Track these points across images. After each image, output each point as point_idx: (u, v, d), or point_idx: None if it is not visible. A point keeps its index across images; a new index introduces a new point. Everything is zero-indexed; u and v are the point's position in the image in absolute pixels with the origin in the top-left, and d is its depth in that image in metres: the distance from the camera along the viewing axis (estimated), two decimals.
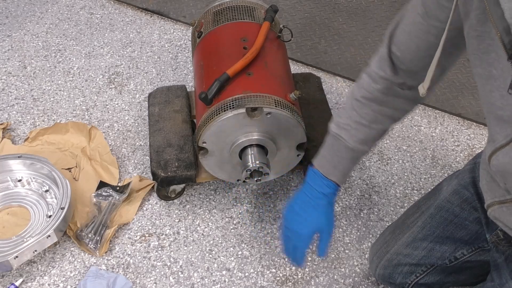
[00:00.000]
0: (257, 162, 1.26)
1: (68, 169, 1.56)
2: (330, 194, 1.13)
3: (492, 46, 0.76)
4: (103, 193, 1.47)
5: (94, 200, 1.46)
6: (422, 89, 0.91)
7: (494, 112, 0.81)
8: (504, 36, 0.72)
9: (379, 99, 1.06)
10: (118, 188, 1.49)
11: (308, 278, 1.37)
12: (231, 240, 1.44)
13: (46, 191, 1.46)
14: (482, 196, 1.08)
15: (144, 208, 1.51)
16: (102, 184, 1.50)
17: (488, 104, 0.82)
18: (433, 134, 1.76)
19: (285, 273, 1.38)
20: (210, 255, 1.41)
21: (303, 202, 1.15)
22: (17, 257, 1.27)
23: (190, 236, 1.45)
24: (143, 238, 1.44)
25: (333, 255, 1.42)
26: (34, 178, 1.49)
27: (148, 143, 1.50)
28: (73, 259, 1.38)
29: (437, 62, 0.85)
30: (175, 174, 1.40)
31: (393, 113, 1.10)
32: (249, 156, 1.27)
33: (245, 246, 1.43)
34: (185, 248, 1.42)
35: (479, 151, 1.20)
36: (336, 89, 1.91)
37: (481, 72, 0.81)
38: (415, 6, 0.92)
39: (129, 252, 1.40)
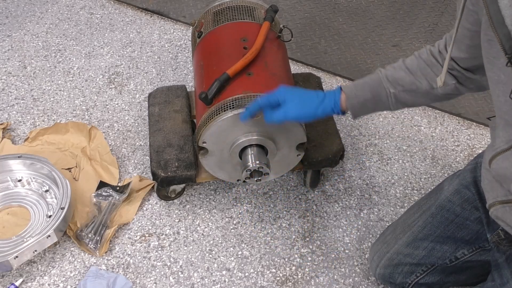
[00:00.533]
0: (257, 162, 1.26)
1: (68, 169, 1.56)
2: (328, 101, 1.12)
3: (501, 51, 0.77)
4: (103, 193, 1.47)
5: (94, 200, 1.46)
6: (439, 81, 0.94)
7: (502, 117, 0.82)
8: (504, 42, 0.73)
9: (424, 63, 1.08)
10: (118, 188, 1.49)
11: (308, 278, 1.37)
12: (231, 240, 1.44)
13: (46, 191, 1.46)
14: (483, 196, 1.08)
15: (144, 208, 1.51)
16: (102, 184, 1.50)
17: (497, 108, 0.83)
18: (433, 134, 1.76)
19: (285, 273, 1.38)
20: (210, 255, 1.41)
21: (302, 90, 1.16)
22: (17, 257, 1.27)
23: (190, 236, 1.45)
24: (143, 238, 1.44)
25: (333, 255, 1.42)
26: (34, 178, 1.49)
27: (148, 143, 1.50)
28: (73, 259, 1.38)
29: (450, 52, 0.88)
30: (175, 174, 1.40)
31: (431, 80, 1.08)
32: (249, 156, 1.27)
33: (245, 246, 1.43)
34: (185, 248, 1.42)
35: (480, 151, 1.20)
36: None
37: (492, 76, 0.82)
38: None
39: (129, 252, 1.40)
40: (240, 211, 1.52)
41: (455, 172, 1.26)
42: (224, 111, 1.22)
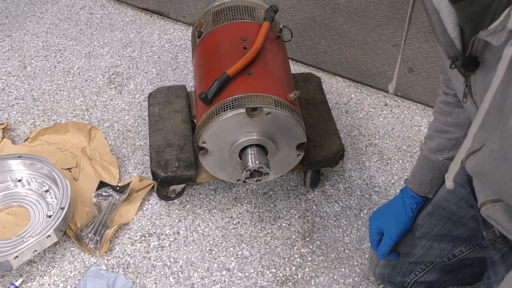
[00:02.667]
0: (257, 162, 1.26)
1: (68, 169, 1.57)
2: (406, 199, 1.22)
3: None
4: (103, 193, 1.47)
5: (94, 200, 1.46)
6: (391, 88, 1.00)
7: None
8: (448, 49, 0.76)
9: (443, 110, 1.14)
10: (118, 188, 1.49)
11: (308, 278, 1.37)
12: (231, 240, 1.44)
13: (46, 191, 1.46)
14: None
15: (144, 208, 1.51)
16: (102, 184, 1.50)
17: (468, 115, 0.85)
18: None
19: (285, 273, 1.38)
20: (210, 255, 1.41)
21: (386, 205, 1.26)
22: (17, 257, 1.27)
23: (190, 236, 1.45)
24: (143, 238, 1.44)
25: (333, 255, 1.42)
26: (34, 178, 1.49)
27: (148, 143, 1.50)
28: (73, 259, 1.38)
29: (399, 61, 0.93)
30: (175, 174, 1.40)
31: (456, 122, 1.14)
32: (249, 156, 1.27)
33: (245, 246, 1.43)
34: (185, 248, 1.42)
35: None
36: (336, 89, 1.91)
37: (456, 87, 0.85)
38: None
39: (129, 252, 1.40)
40: (240, 211, 1.52)
41: None
42: (224, 111, 1.22)
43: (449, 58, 0.77)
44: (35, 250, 1.30)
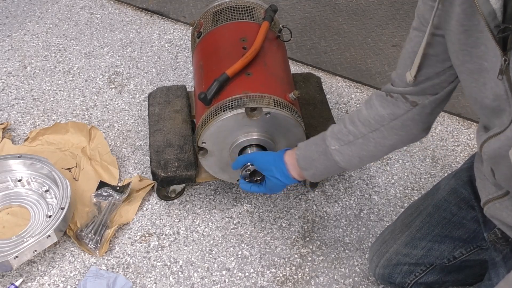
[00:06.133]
0: None
1: (68, 169, 1.57)
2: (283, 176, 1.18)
3: (481, 39, 0.77)
4: (103, 193, 1.47)
5: (94, 200, 1.46)
6: (409, 76, 0.93)
7: (489, 105, 0.82)
8: (490, 21, 0.73)
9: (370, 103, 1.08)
10: (118, 188, 1.49)
11: (308, 278, 1.37)
12: (231, 240, 1.45)
13: (46, 191, 1.46)
14: (479, 195, 1.09)
15: (144, 208, 1.51)
16: (102, 184, 1.50)
17: (482, 98, 0.82)
18: (433, 134, 1.76)
19: (285, 273, 1.38)
20: (210, 255, 1.41)
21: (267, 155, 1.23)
22: (17, 257, 1.27)
23: (190, 236, 1.45)
24: (143, 238, 1.44)
25: (333, 255, 1.42)
26: (34, 178, 1.49)
27: (148, 143, 1.50)
28: (73, 259, 1.38)
29: (423, 51, 0.88)
30: (175, 174, 1.40)
31: (373, 116, 1.07)
32: None
33: (245, 246, 1.43)
34: (185, 248, 1.42)
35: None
36: (336, 89, 1.91)
37: (471, 68, 0.81)
38: (412, 29, 0.95)
39: (129, 252, 1.40)
40: (240, 211, 1.52)
41: (451, 172, 1.26)
42: (224, 111, 1.22)
43: (492, 29, 0.74)
44: (35, 250, 1.30)
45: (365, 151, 1.08)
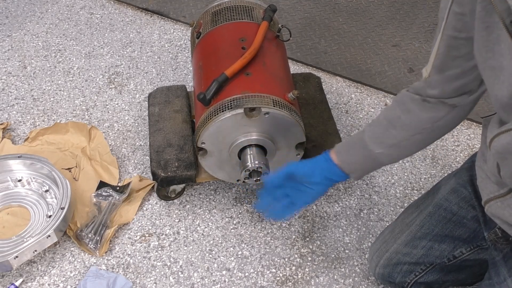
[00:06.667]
0: (256, 162, 1.26)
1: (68, 169, 1.57)
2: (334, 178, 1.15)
3: (501, 36, 0.77)
4: (103, 193, 1.47)
5: (94, 200, 1.46)
6: (425, 72, 0.94)
7: (507, 103, 0.81)
8: (505, 17, 0.73)
9: (404, 107, 1.07)
10: (118, 188, 1.50)
11: (308, 278, 1.37)
12: (231, 240, 1.45)
13: (46, 191, 1.46)
14: (479, 194, 1.08)
15: (144, 208, 1.51)
16: (102, 184, 1.50)
17: (501, 96, 0.82)
18: None
19: (285, 273, 1.38)
20: (210, 255, 1.41)
21: (310, 163, 1.16)
22: (17, 257, 1.27)
23: (190, 236, 1.45)
24: (143, 238, 1.44)
25: (333, 255, 1.42)
26: (34, 178, 1.49)
27: (148, 143, 1.50)
28: (73, 259, 1.38)
29: (437, 45, 0.88)
30: (175, 174, 1.40)
31: (415, 123, 1.08)
32: (248, 156, 1.27)
33: (245, 246, 1.44)
34: (185, 248, 1.42)
35: (478, 151, 1.20)
36: (336, 89, 1.91)
37: (493, 64, 0.81)
38: (437, 29, 0.95)
39: (129, 252, 1.41)
40: (240, 211, 1.52)
41: (452, 171, 1.26)
42: (223, 111, 1.22)
43: (507, 25, 0.74)
44: (35, 250, 1.30)
45: (410, 150, 1.13)
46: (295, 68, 1.98)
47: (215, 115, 1.23)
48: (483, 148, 1.04)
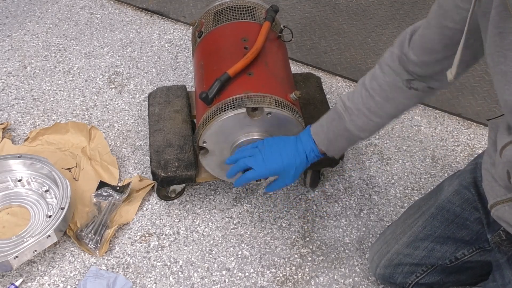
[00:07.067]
0: None
1: (68, 169, 1.56)
2: (310, 155, 1.19)
3: None
4: (103, 193, 1.47)
5: (94, 200, 1.46)
6: (450, 74, 0.94)
7: None
8: None
9: (384, 94, 1.09)
10: (118, 188, 1.49)
11: (308, 278, 1.37)
12: (231, 240, 1.44)
13: (46, 191, 1.46)
14: (483, 196, 1.08)
15: (144, 208, 1.51)
16: (102, 184, 1.50)
17: (511, 101, 0.82)
18: (433, 134, 1.76)
19: (285, 273, 1.38)
20: (210, 255, 1.41)
21: (283, 142, 1.20)
22: (17, 257, 1.27)
23: (190, 236, 1.45)
24: (143, 238, 1.44)
25: (333, 255, 1.42)
26: (34, 178, 1.49)
27: (148, 143, 1.50)
28: (73, 259, 1.38)
29: (461, 51, 0.87)
30: (175, 174, 1.40)
31: (394, 111, 1.13)
32: None
33: (245, 246, 1.43)
34: (185, 248, 1.42)
35: (480, 151, 1.20)
36: (336, 89, 1.91)
37: (505, 70, 0.82)
38: (432, 11, 0.96)
39: (129, 252, 1.40)
40: (240, 211, 1.52)
41: (455, 173, 1.26)
42: (225, 111, 1.22)
43: None
44: (35, 250, 1.30)
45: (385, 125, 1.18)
46: (295, 68, 1.98)
47: (217, 114, 1.23)
48: (490, 151, 1.04)
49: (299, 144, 1.19)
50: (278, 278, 1.37)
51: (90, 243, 1.37)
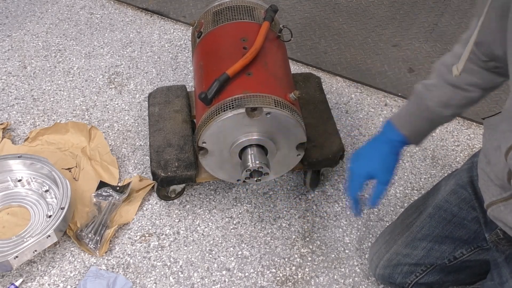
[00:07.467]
0: (257, 162, 1.26)
1: (68, 169, 1.57)
2: (396, 143, 1.13)
3: None
4: (103, 193, 1.47)
5: (94, 200, 1.46)
6: (456, 70, 0.92)
7: None
8: None
9: (467, 68, 1.03)
10: (118, 188, 1.49)
11: (308, 278, 1.37)
12: (231, 240, 1.45)
13: (46, 191, 1.46)
14: (480, 195, 1.08)
15: (144, 208, 1.51)
16: (102, 184, 1.50)
17: None
18: (433, 134, 1.76)
19: (285, 273, 1.38)
20: (210, 255, 1.41)
21: (369, 145, 1.16)
22: (17, 257, 1.27)
23: (190, 236, 1.45)
24: (143, 238, 1.44)
25: (333, 255, 1.42)
26: (34, 178, 1.49)
27: (148, 143, 1.50)
28: (73, 259, 1.38)
29: (473, 43, 0.86)
30: (175, 174, 1.40)
31: (480, 82, 1.06)
32: (249, 156, 1.27)
33: (245, 246, 1.43)
34: (185, 248, 1.42)
35: (478, 151, 1.20)
36: (336, 89, 1.91)
37: None
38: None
39: (129, 252, 1.40)
40: (240, 211, 1.52)
41: (451, 172, 1.26)
42: (224, 111, 1.22)
43: None
44: (35, 250, 1.30)
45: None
46: (295, 68, 1.98)
47: (216, 115, 1.23)
48: (486, 150, 1.04)
49: (383, 140, 1.15)
50: (278, 278, 1.37)
51: (90, 243, 1.37)
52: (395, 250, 1.23)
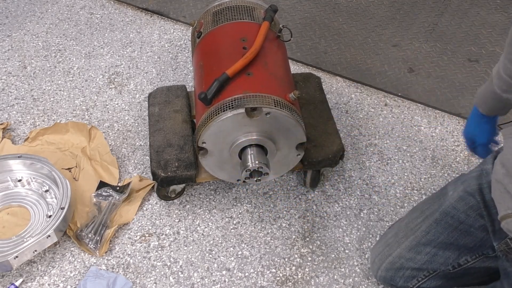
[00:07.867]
0: (257, 162, 1.26)
1: (68, 169, 1.57)
2: (481, 115, 1.24)
3: None
4: (103, 193, 1.47)
5: (94, 200, 1.46)
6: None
7: None
8: None
9: None
10: (118, 188, 1.49)
11: (308, 278, 1.37)
12: (231, 240, 1.44)
13: (46, 191, 1.46)
14: (488, 203, 1.07)
15: (144, 208, 1.51)
16: (102, 184, 1.50)
17: None
18: (433, 134, 1.76)
19: (285, 273, 1.38)
20: (210, 255, 1.41)
21: (470, 116, 1.30)
22: (17, 257, 1.27)
23: (190, 236, 1.45)
24: (143, 238, 1.44)
25: (333, 255, 1.42)
26: (34, 178, 1.49)
27: (148, 143, 1.50)
28: (73, 259, 1.38)
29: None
30: (175, 174, 1.40)
31: None
32: (249, 156, 1.27)
33: (245, 246, 1.43)
34: (185, 248, 1.42)
35: (487, 158, 1.19)
36: (336, 89, 1.91)
37: None
38: None
39: (129, 252, 1.40)
40: (240, 211, 1.52)
41: (458, 177, 1.24)
42: (224, 111, 1.22)
43: None
44: (35, 250, 1.30)
45: None
46: (295, 68, 1.98)
47: (216, 115, 1.23)
48: (507, 160, 1.00)
49: (474, 113, 1.27)
50: (278, 278, 1.37)
51: (90, 243, 1.37)
52: (398, 254, 1.23)
